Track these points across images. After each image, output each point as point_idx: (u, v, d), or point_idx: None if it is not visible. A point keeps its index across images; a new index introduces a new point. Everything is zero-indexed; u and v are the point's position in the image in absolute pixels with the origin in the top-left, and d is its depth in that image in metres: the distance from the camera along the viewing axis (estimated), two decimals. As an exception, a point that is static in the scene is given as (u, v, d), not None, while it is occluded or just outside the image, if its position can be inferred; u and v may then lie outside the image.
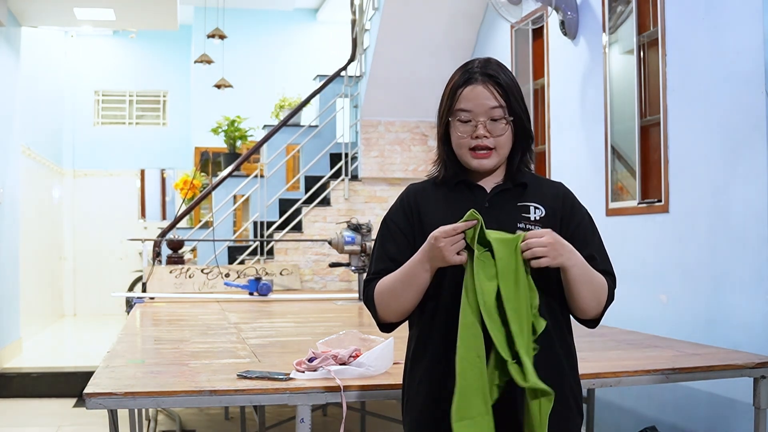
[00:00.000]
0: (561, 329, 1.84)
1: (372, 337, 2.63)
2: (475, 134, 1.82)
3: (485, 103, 1.81)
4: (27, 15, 7.22)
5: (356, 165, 7.08)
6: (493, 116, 1.82)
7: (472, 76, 1.85)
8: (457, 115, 1.84)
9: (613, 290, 1.88)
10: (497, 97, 1.82)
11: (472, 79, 1.84)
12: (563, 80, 5.18)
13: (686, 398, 3.77)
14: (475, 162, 1.84)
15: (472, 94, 1.83)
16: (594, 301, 1.82)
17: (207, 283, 5.84)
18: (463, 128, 1.84)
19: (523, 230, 1.80)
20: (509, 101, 1.83)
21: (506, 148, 1.85)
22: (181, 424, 5.13)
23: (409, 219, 1.90)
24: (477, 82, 1.83)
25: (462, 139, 1.84)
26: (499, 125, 1.82)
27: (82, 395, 2.24)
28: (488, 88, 1.82)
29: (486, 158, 1.84)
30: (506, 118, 1.82)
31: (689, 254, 3.83)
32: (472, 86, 1.83)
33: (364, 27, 7.21)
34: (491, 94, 1.82)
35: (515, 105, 1.83)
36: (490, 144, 1.82)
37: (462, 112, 1.83)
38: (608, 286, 1.85)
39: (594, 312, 1.84)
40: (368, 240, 5.08)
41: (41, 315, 9.19)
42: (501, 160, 1.86)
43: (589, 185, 4.71)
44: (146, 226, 11.32)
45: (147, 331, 3.98)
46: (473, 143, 1.83)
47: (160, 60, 11.60)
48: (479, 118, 1.82)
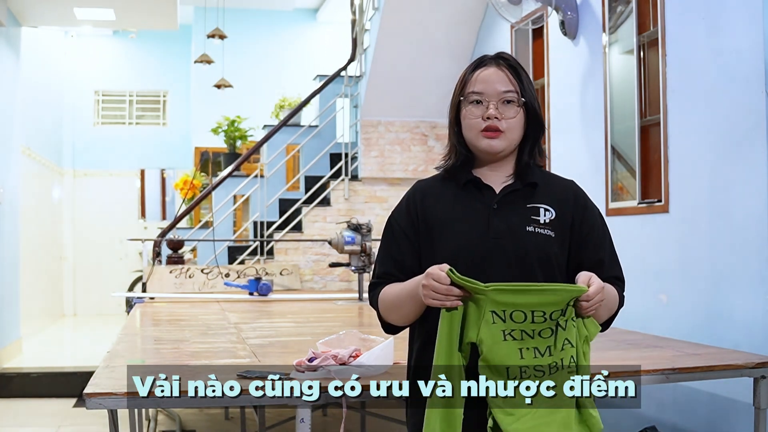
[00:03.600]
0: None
1: (372, 337, 2.62)
2: (486, 115, 1.79)
3: (497, 86, 1.79)
4: (27, 15, 7.22)
5: (356, 165, 7.08)
6: (505, 98, 1.79)
7: (485, 60, 1.84)
8: (469, 98, 1.81)
9: (623, 295, 1.87)
10: (510, 80, 1.80)
11: (484, 62, 1.83)
12: (563, 80, 5.18)
13: (686, 398, 3.77)
14: (484, 142, 1.80)
15: (485, 76, 1.81)
16: (607, 315, 1.83)
17: (207, 283, 5.84)
18: (474, 110, 1.80)
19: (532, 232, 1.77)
20: (522, 85, 1.80)
21: (516, 133, 1.82)
22: (181, 424, 5.13)
23: (413, 221, 1.86)
24: (490, 65, 1.82)
25: (473, 120, 1.80)
26: (511, 108, 1.79)
27: (82, 395, 2.24)
28: (501, 69, 1.81)
29: (496, 138, 1.79)
30: (518, 101, 1.80)
31: (689, 254, 3.83)
32: (484, 69, 1.82)
33: (364, 27, 7.21)
34: (505, 76, 1.80)
35: (528, 89, 1.81)
36: (501, 126, 1.79)
37: (474, 94, 1.81)
38: (618, 294, 1.84)
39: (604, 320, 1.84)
40: (368, 240, 5.07)
41: (41, 315, 9.19)
42: (510, 145, 1.82)
43: (589, 185, 4.68)
44: (146, 226, 11.31)
45: (147, 331, 3.98)
46: (484, 124, 1.79)
47: (160, 60, 11.60)
48: (491, 99, 1.79)
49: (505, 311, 1.61)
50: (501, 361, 1.62)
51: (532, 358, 1.62)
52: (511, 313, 1.61)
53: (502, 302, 1.61)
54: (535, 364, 1.63)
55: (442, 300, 1.64)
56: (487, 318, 1.62)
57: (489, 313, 1.62)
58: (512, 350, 1.62)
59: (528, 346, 1.62)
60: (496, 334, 1.62)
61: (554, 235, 1.81)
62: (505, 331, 1.61)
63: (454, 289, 1.63)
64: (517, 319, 1.61)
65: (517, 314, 1.61)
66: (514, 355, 1.62)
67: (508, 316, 1.61)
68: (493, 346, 1.62)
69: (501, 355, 1.62)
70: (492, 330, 1.62)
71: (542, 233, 1.80)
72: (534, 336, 1.62)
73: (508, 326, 1.61)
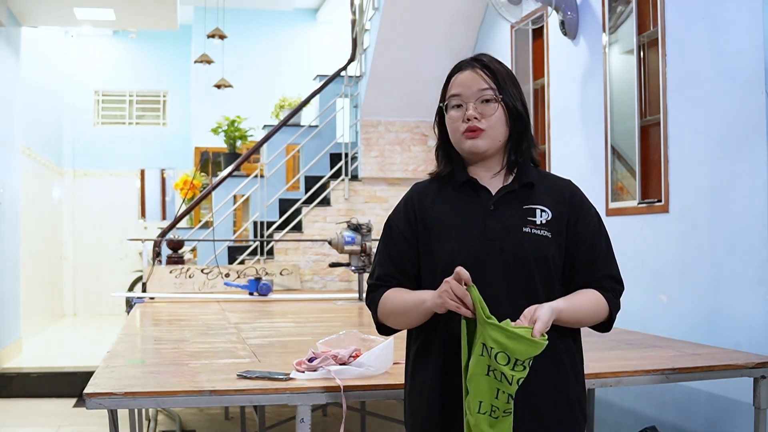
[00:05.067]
0: (566, 337, 1.82)
1: (372, 337, 2.62)
2: (466, 116, 1.82)
3: (473, 85, 1.83)
4: (27, 15, 7.23)
5: (356, 165, 7.08)
6: (483, 97, 1.82)
7: (461, 64, 1.88)
8: (449, 102, 1.85)
9: (619, 297, 1.87)
10: (486, 79, 1.83)
11: (462, 66, 1.87)
12: (563, 80, 5.18)
13: (686, 398, 3.77)
14: (468, 143, 1.82)
15: (461, 79, 1.85)
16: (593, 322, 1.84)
17: (207, 283, 5.84)
18: (455, 113, 1.84)
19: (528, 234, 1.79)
20: (498, 83, 1.83)
21: (498, 130, 1.83)
22: (181, 424, 5.13)
23: (411, 222, 1.88)
24: (467, 68, 1.86)
25: (455, 123, 1.84)
26: (489, 106, 1.82)
27: (82, 395, 2.24)
28: (476, 71, 1.84)
29: (478, 137, 1.81)
30: (496, 98, 1.82)
31: (689, 254, 3.83)
32: (462, 72, 1.86)
33: (364, 27, 7.21)
34: (479, 77, 1.83)
35: (505, 87, 1.83)
36: (482, 125, 1.81)
37: (453, 98, 1.85)
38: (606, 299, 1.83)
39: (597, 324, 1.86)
40: (368, 240, 5.07)
41: (41, 315, 9.19)
42: (494, 143, 1.84)
43: (589, 185, 4.71)
44: (146, 226, 11.32)
45: (147, 331, 3.98)
46: (465, 126, 1.82)
47: (160, 60, 11.60)
48: (469, 100, 1.82)
49: (492, 349, 1.63)
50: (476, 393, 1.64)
51: (504, 403, 1.64)
52: (496, 354, 1.62)
53: (493, 339, 1.63)
54: (505, 408, 1.65)
55: (457, 303, 1.66)
56: (477, 349, 1.65)
57: (480, 345, 1.64)
58: (491, 387, 1.64)
59: (504, 390, 1.63)
60: (482, 366, 1.64)
61: (551, 235, 1.81)
62: (490, 366, 1.64)
63: (468, 297, 1.65)
64: (501, 361, 1.63)
65: (501, 356, 1.63)
66: (491, 392, 1.64)
67: (493, 355, 1.63)
68: (475, 376, 1.65)
69: (481, 387, 1.64)
70: (480, 361, 1.64)
71: (539, 234, 1.80)
72: (512, 383, 1.63)
73: (492, 364, 1.63)
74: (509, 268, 1.77)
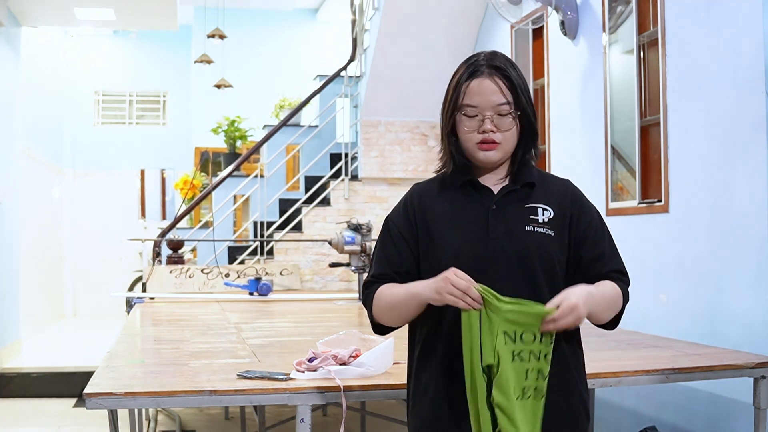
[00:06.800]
0: (570, 338, 1.82)
1: (372, 337, 2.62)
2: (482, 129, 1.78)
3: (492, 98, 1.77)
4: (27, 15, 7.22)
5: (356, 165, 7.08)
6: (500, 112, 1.78)
7: (478, 69, 1.81)
8: (464, 110, 1.80)
9: (627, 290, 1.88)
10: (504, 92, 1.78)
11: (478, 72, 1.80)
12: (563, 80, 5.18)
13: (686, 398, 3.77)
14: (481, 155, 1.80)
15: (479, 88, 1.79)
16: (610, 315, 1.83)
17: (207, 283, 5.84)
18: (469, 123, 1.80)
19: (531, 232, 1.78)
20: (516, 96, 1.79)
21: (512, 143, 1.82)
22: (181, 424, 5.13)
23: (411, 222, 1.87)
24: (483, 75, 1.79)
25: (469, 133, 1.80)
26: (506, 120, 1.79)
27: (82, 395, 2.24)
28: (495, 81, 1.78)
29: (492, 150, 1.80)
30: (513, 113, 1.79)
31: (689, 254, 3.83)
32: (478, 80, 1.79)
33: (364, 27, 7.21)
34: (498, 89, 1.78)
35: (522, 100, 1.80)
36: (497, 139, 1.79)
37: (468, 107, 1.79)
38: (621, 291, 1.84)
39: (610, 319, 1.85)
40: (368, 240, 5.07)
41: (41, 315, 9.19)
42: (506, 155, 1.83)
43: (589, 185, 4.71)
44: (146, 226, 11.32)
45: (147, 331, 3.98)
46: (480, 137, 1.79)
47: (160, 60, 11.60)
48: (486, 113, 1.78)
49: (516, 332, 1.65)
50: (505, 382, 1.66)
51: (534, 380, 1.67)
52: (521, 334, 1.65)
53: (511, 321, 1.65)
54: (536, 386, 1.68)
55: (459, 296, 1.65)
56: (500, 340, 1.66)
57: (501, 335, 1.66)
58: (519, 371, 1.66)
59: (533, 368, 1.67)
60: (507, 355, 1.66)
61: (553, 233, 1.81)
62: (514, 352, 1.66)
63: (472, 288, 1.65)
64: (527, 339, 1.66)
65: (527, 335, 1.66)
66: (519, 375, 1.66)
67: (518, 336, 1.65)
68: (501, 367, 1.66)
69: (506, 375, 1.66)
70: (504, 351, 1.66)
71: (542, 232, 1.80)
72: (540, 358, 1.66)
73: (517, 347, 1.66)
74: (513, 266, 1.77)
